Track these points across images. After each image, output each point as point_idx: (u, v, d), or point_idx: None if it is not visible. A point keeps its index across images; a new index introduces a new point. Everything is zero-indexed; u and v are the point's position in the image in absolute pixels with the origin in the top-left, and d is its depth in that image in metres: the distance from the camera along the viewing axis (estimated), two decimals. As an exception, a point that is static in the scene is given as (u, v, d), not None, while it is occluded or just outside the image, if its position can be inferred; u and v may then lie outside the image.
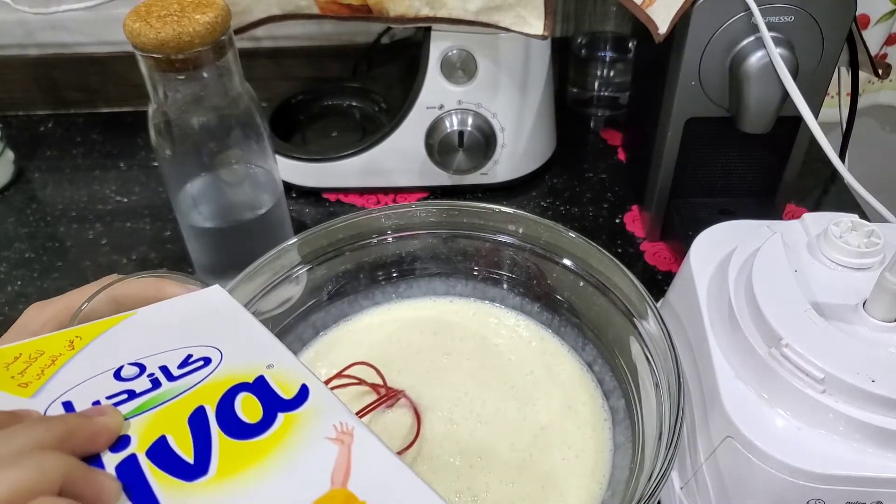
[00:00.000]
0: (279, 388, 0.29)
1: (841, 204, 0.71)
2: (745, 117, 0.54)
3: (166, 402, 0.28)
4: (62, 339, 0.31)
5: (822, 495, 0.36)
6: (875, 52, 0.80)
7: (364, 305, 0.54)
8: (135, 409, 0.28)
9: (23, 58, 0.83)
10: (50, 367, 0.29)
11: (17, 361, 0.29)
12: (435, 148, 0.67)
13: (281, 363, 0.30)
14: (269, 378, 0.29)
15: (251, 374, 0.29)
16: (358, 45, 0.83)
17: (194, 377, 0.29)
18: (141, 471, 0.25)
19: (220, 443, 0.26)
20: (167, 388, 0.29)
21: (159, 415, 0.27)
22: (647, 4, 0.54)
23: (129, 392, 0.28)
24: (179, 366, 0.30)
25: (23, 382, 0.28)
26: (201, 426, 0.27)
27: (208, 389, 0.29)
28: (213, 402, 0.28)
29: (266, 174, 0.58)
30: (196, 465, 0.26)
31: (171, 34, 0.46)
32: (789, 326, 0.38)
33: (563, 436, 0.45)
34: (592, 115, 0.83)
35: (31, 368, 0.29)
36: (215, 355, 0.30)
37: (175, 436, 0.27)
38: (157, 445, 0.26)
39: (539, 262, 0.51)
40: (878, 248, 0.43)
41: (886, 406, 0.36)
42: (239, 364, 0.30)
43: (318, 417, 0.28)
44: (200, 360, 0.30)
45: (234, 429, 0.27)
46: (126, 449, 0.26)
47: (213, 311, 0.34)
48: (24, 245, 0.69)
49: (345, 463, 0.26)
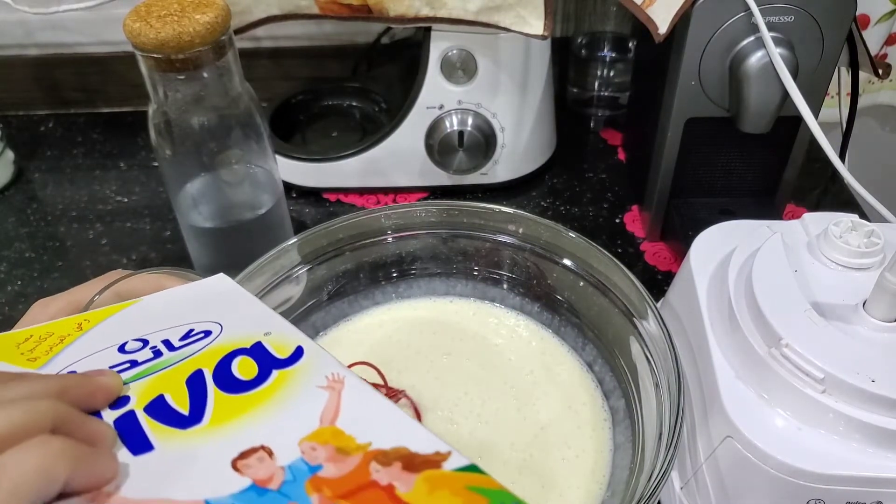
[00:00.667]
0: (275, 351, 0.30)
1: (841, 204, 0.71)
2: (745, 117, 0.54)
3: (166, 367, 0.29)
4: (71, 323, 0.32)
5: (822, 495, 0.36)
6: (875, 52, 0.80)
7: (364, 305, 0.54)
8: (135, 374, 0.29)
9: (23, 58, 0.83)
10: (58, 345, 0.30)
11: (28, 341, 0.31)
12: (435, 148, 0.67)
13: (279, 331, 0.31)
14: (267, 343, 0.30)
15: (249, 341, 0.31)
16: (358, 45, 0.83)
17: (194, 347, 0.30)
18: (138, 423, 0.26)
19: (215, 397, 0.28)
20: (168, 356, 0.30)
21: (159, 378, 0.29)
22: (647, 4, 0.54)
23: (132, 362, 0.29)
24: (181, 338, 0.31)
25: (31, 357, 0.30)
26: (198, 385, 0.28)
27: (207, 355, 0.30)
28: (211, 366, 0.29)
29: (266, 174, 0.58)
30: (191, 415, 0.27)
31: (171, 34, 0.46)
32: (789, 326, 0.38)
33: (563, 436, 0.45)
34: (592, 115, 0.83)
35: (41, 346, 0.30)
36: (216, 328, 0.31)
37: (173, 394, 0.28)
38: (154, 402, 0.27)
39: (539, 262, 0.51)
40: (878, 248, 0.43)
41: (886, 406, 0.36)
42: (238, 333, 0.31)
43: (311, 371, 0.29)
44: (201, 332, 0.31)
45: (230, 384, 0.28)
46: (125, 406, 0.27)
47: (217, 294, 0.35)
48: (24, 245, 0.69)
49: (334, 405, 0.27)
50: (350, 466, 0.25)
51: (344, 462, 0.25)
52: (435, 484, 0.24)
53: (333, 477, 0.24)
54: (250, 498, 0.24)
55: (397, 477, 0.24)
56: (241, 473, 0.25)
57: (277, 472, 0.25)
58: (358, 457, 0.25)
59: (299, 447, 0.25)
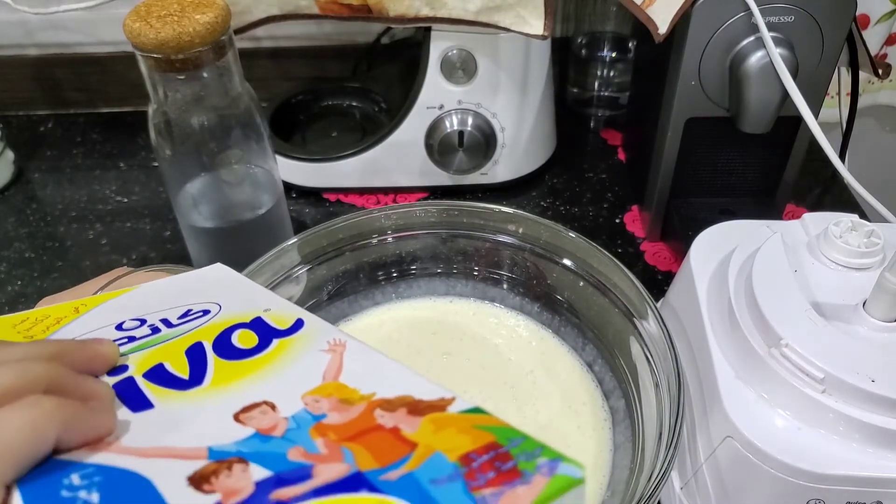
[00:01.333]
0: (275, 323, 0.30)
1: (841, 204, 0.71)
2: (745, 117, 0.54)
3: (165, 341, 0.29)
4: (68, 307, 0.33)
5: (822, 495, 0.36)
6: (875, 52, 0.80)
7: (364, 305, 0.54)
8: (134, 347, 0.29)
9: (23, 58, 0.83)
10: (55, 325, 0.31)
11: (24, 322, 0.31)
12: (435, 148, 0.67)
13: (279, 307, 0.32)
14: (267, 318, 0.31)
15: (249, 316, 0.31)
16: (358, 45, 0.83)
17: (193, 324, 0.31)
18: (137, 387, 0.26)
19: (214, 363, 0.28)
20: (166, 332, 0.30)
21: (157, 350, 0.29)
22: (647, 4, 0.54)
23: (130, 338, 0.30)
24: (180, 317, 0.31)
25: (28, 336, 0.30)
26: (198, 354, 0.28)
27: (206, 330, 0.30)
28: (211, 338, 0.29)
29: (266, 174, 0.58)
30: (191, 379, 0.27)
31: (171, 34, 0.46)
32: (789, 326, 0.38)
33: (563, 436, 0.45)
34: (592, 115, 0.83)
35: (37, 327, 0.31)
36: (214, 308, 0.32)
37: (172, 363, 0.28)
38: (154, 370, 0.27)
39: (539, 262, 0.51)
40: (878, 248, 0.43)
41: (886, 406, 0.36)
42: (237, 310, 0.31)
43: (312, 338, 0.29)
44: (200, 312, 0.32)
45: (229, 353, 0.28)
46: (123, 373, 0.27)
47: (215, 280, 0.36)
48: (24, 245, 0.69)
49: (336, 364, 0.27)
50: (354, 414, 0.25)
51: (348, 411, 0.25)
52: (440, 424, 0.24)
53: (338, 423, 0.24)
54: (254, 444, 0.24)
55: (402, 420, 0.24)
56: (244, 424, 0.25)
57: (281, 422, 0.25)
58: (362, 406, 0.25)
59: (302, 400, 0.26)
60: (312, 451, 0.23)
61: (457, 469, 0.22)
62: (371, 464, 0.23)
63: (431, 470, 0.22)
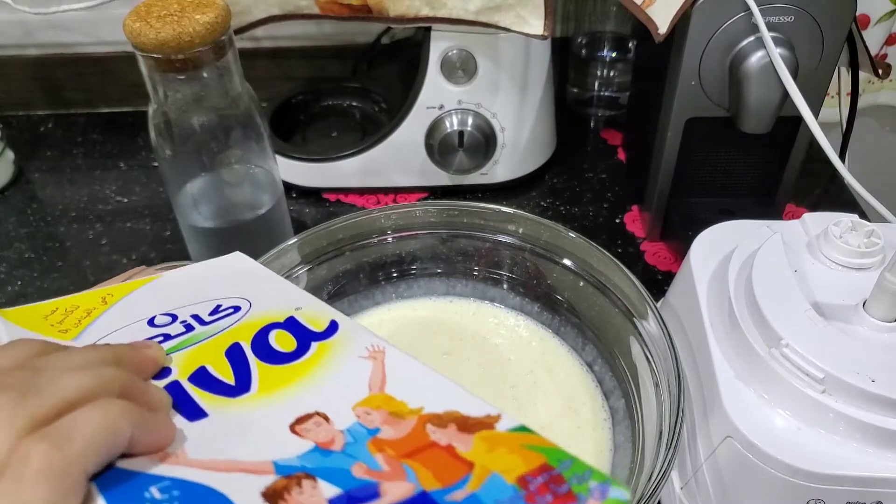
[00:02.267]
0: (310, 324, 0.31)
1: (841, 204, 0.71)
2: (745, 117, 0.54)
3: (201, 341, 0.29)
4: (95, 296, 0.33)
5: (822, 495, 0.36)
6: (875, 52, 0.80)
7: (364, 305, 0.54)
8: (172, 346, 0.29)
9: (23, 58, 0.83)
10: (86, 318, 0.31)
11: (55, 313, 0.31)
12: (435, 148, 0.67)
13: (310, 306, 0.32)
14: (300, 317, 0.31)
15: (282, 315, 0.31)
16: (358, 45, 0.83)
17: (226, 322, 0.31)
18: (186, 393, 0.27)
19: (258, 368, 0.28)
20: (200, 330, 0.30)
21: (196, 351, 0.29)
22: (647, 4, 0.54)
23: (164, 335, 0.30)
24: (210, 313, 0.31)
25: (62, 329, 0.30)
26: (238, 357, 0.28)
27: (241, 329, 0.30)
28: (248, 339, 0.29)
29: (266, 174, 0.58)
30: (238, 385, 0.27)
31: (171, 34, 0.46)
32: (789, 326, 0.38)
33: (563, 436, 0.45)
34: (592, 115, 0.83)
35: (69, 319, 0.31)
36: (244, 304, 0.32)
37: (214, 366, 0.28)
38: (198, 373, 0.28)
39: (539, 262, 0.51)
40: (878, 248, 0.43)
41: (886, 406, 0.36)
42: (269, 309, 0.32)
43: (350, 342, 0.29)
44: (230, 308, 0.32)
45: (270, 356, 0.29)
46: (168, 377, 0.27)
47: (238, 272, 0.36)
48: (24, 245, 0.69)
49: (380, 374, 0.28)
50: (407, 429, 0.25)
51: (399, 425, 0.25)
52: (492, 443, 0.25)
53: (393, 438, 0.25)
54: (317, 459, 0.24)
55: (455, 437, 0.25)
56: (302, 437, 0.25)
57: (337, 435, 0.25)
58: (412, 420, 0.25)
59: (353, 412, 0.26)
60: (374, 467, 0.24)
61: (516, 492, 0.22)
62: (434, 483, 0.23)
63: (493, 491, 0.22)
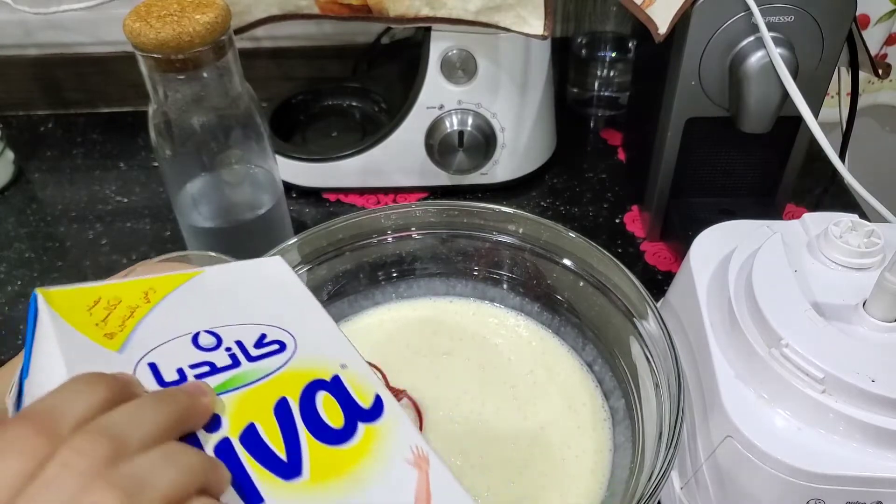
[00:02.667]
0: (355, 394, 0.30)
1: (841, 204, 0.71)
2: (745, 117, 0.54)
3: (249, 384, 0.29)
4: (137, 290, 0.31)
5: (822, 495, 0.36)
6: (875, 52, 0.80)
7: (364, 305, 0.54)
8: (220, 385, 0.28)
9: (23, 58, 0.83)
10: (129, 318, 0.30)
11: (98, 307, 0.30)
12: (435, 148, 0.67)
13: (352, 364, 0.32)
14: (345, 379, 0.31)
15: (327, 372, 0.31)
16: (358, 45, 0.83)
17: (272, 362, 0.30)
18: (237, 457, 0.26)
19: (308, 444, 0.28)
20: (247, 368, 0.30)
21: (244, 399, 0.28)
22: (647, 4, 0.54)
23: (211, 365, 0.29)
24: (255, 345, 0.31)
25: (108, 332, 0.29)
26: (287, 420, 0.28)
27: (288, 380, 0.30)
28: (296, 396, 0.29)
29: (266, 174, 0.58)
30: (290, 463, 0.27)
31: (171, 34, 0.46)
32: (789, 326, 0.38)
33: (563, 436, 0.45)
34: (592, 115, 0.83)
35: (113, 317, 0.29)
36: (289, 341, 0.31)
37: (263, 425, 0.27)
38: (248, 433, 0.27)
39: (539, 262, 0.51)
40: (878, 248, 0.43)
41: (886, 406, 0.36)
42: (313, 356, 0.31)
43: (395, 436, 0.29)
44: (275, 343, 0.31)
45: (320, 431, 0.28)
46: (219, 430, 0.27)
47: (278, 287, 0.35)
48: (24, 245, 0.69)
49: (425, 490, 0.28)
50: None
51: None
52: None
53: None
54: None
55: None
56: None
57: None
58: None
59: None
60: None
61: None
62: None
63: None
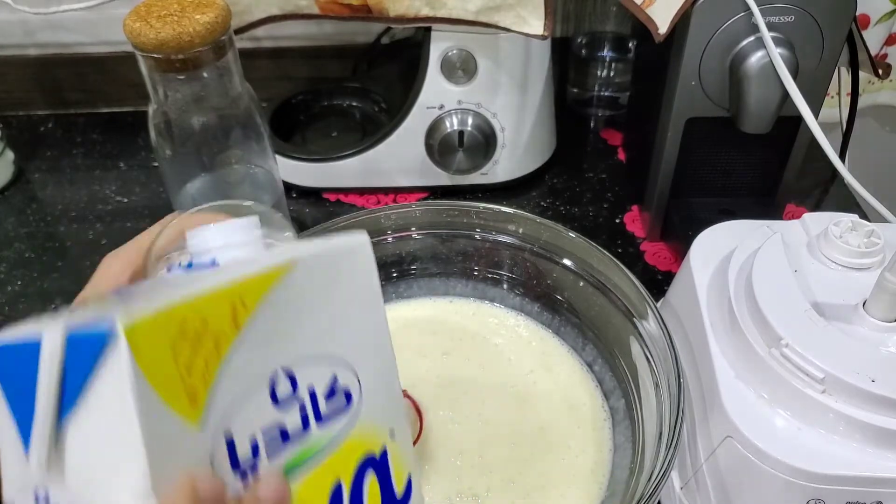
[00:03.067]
0: (394, 475, 0.31)
1: (841, 204, 0.70)
2: (745, 117, 0.54)
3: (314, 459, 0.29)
4: (225, 304, 0.26)
5: (822, 495, 0.36)
6: (875, 52, 0.80)
7: (364, 305, 0.53)
8: (288, 464, 0.28)
9: (23, 58, 0.83)
10: (213, 358, 0.25)
11: (183, 340, 0.24)
12: (435, 148, 0.67)
13: (398, 428, 0.32)
14: (390, 455, 0.31)
15: (378, 442, 0.31)
16: (358, 45, 0.83)
17: (337, 425, 0.30)
18: None
19: None
20: (315, 435, 0.29)
21: (307, 484, 0.28)
22: (647, 4, 0.54)
23: (282, 431, 0.28)
24: (326, 395, 0.29)
25: (190, 390, 0.25)
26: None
27: (346, 454, 0.30)
28: (348, 478, 0.30)
29: (266, 174, 0.58)
30: None
31: (171, 34, 0.46)
32: (789, 326, 0.38)
33: (563, 436, 0.45)
34: (592, 115, 0.83)
35: (198, 360, 0.25)
36: (354, 389, 0.31)
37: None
38: None
39: (539, 262, 0.51)
40: (878, 248, 0.43)
41: (886, 406, 0.36)
42: (371, 419, 0.31)
43: None
44: (344, 393, 0.30)
45: None
46: None
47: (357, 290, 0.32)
48: (24, 245, 0.69)
49: None
50: None
51: None
52: None
53: None
54: None
55: None
56: None
57: None
58: None
59: None
60: None
61: None
62: None
63: None
